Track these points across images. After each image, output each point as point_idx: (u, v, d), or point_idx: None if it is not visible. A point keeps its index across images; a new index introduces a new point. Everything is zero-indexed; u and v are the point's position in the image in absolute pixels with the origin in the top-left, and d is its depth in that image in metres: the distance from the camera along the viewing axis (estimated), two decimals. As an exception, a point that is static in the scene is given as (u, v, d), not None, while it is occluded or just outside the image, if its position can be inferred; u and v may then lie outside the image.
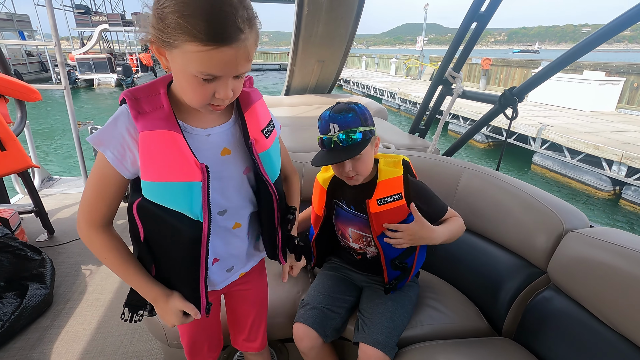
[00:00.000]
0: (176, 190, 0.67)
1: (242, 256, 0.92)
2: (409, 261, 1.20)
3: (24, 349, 1.61)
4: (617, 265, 0.96)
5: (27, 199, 2.97)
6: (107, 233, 0.76)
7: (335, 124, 1.03)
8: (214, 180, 0.73)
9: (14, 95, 2.23)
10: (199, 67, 0.59)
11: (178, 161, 0.67)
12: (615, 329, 0.97)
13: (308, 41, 3.31)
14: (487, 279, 1.38)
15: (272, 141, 0.81)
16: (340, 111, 1.03)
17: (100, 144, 0.67)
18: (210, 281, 0.87)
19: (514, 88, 1.75)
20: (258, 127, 0.77)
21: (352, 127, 1.02)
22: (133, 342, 1.67)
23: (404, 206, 1.10)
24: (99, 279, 2.11)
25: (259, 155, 0.77)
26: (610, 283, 0.97)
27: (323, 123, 1.06)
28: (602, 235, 1.05)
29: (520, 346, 1.18)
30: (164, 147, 0.66)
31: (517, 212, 1.31)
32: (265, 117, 0.81)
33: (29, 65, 21.22)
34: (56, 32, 2.77)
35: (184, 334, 1.03)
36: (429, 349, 1.14)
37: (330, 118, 1.04)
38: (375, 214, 1.11)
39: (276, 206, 0.85)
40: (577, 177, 6.65)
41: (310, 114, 3.60)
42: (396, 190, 1.10)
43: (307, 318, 1.19)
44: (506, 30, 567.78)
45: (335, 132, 1.03)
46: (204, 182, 0.69)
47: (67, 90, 2.88)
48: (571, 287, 1.09)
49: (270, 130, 0.81)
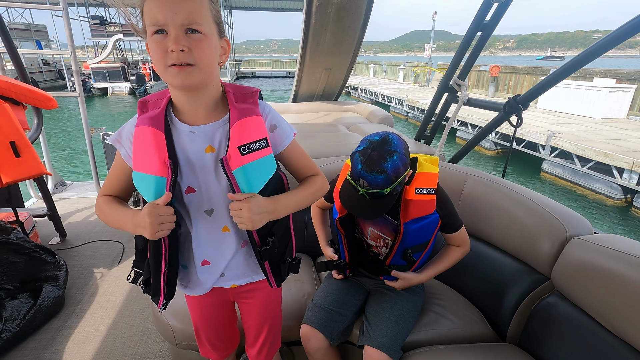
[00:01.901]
0: (146, 181, 0.76)
1: (234, 266, 0.92)
2: (417, 255, 1.24)
3: (36, 349, 1.66)
4: (621, 272, 0.97)
5: (40, 203, 3.05)
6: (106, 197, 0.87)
7: (365, 181, 1.05)
8: (199, 174, 0.80)
9: (32, 102, 2.32)
10: (147, 19, 0.68)
11: (151, 156, 0.75)
12: (619, 336, 0.97)
13: (315, 49, 3.37)
14: (491, 284, 1.38)
15: (253, 159, 0.77)
16: (372, 170, 1.03)
17: (116, 142, 0.82)
18: (197, 280, 0.92)
19: (518, 96, 1.77)
20: (237, 142, 0.75)
21: (381, 189, 1.05)
22: (142, 344, 1.70)
23: (433, 202, 1.17)
24: (109, 281, 2.16)
25: (232, 172, 0.76)
26: (614, 290, 0.97)
27: (354, 171, 1.08)
28: (605, 242, 1.06)
29: (524, 352, 1.18)
30: (144, 142, 0.76)
31: (521, 218, 1.31)
32: (252, 135, 0.77)
33: (45, 73, 21.93)
34: (72, 42, 2.88)
35: (197, 334, 1.08)
36: (433, 353, 1.15)
37: (361, 175, 1.05)
38: (409, 201, 1.15)
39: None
40: (587, 185, 6.56)
41: (317, 121, 3.64)
42: (432, 185, 1.17)
43: (315, 320, 1.21)
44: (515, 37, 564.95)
45: (364, 187, 1.06)
46: (169, 178, 0.75)
47: (81, 97, 2.98)
48: (575, 293, 1.09)
49: (256, 149, 0.77)
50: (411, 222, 1.17)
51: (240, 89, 0.82)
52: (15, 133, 1.89)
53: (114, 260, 2.39)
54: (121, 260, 2.38)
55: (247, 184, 0.78)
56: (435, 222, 1.20)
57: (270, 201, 0.82)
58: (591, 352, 1.01)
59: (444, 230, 1.24)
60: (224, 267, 0.90)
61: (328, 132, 3.13)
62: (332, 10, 2.89)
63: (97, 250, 2.49)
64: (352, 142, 2.69)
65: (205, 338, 1.08)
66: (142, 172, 0.76)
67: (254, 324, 1.08)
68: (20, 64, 2.46)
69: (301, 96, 4.29)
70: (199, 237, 0.85)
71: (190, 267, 0.91)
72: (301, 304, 1.39)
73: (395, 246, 1.20)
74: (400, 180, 1.07)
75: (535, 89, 1.73)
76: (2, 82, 2.01)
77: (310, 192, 0.91)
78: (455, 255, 1.28)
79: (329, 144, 2.63)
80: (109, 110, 16.53)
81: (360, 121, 3.67)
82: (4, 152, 1.85)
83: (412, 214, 1.16)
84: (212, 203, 0.83)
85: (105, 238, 2.64)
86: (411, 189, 1.15)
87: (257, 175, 0.79)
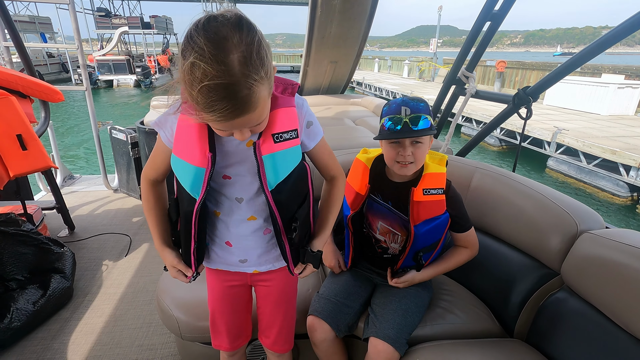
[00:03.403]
0: (186, 169, 0.81)
1: (256, 253, 0.96)
2: (428, 255, 1.25)
3: (45, 338, 1.68)
4: (633, 267, 0.95)
5: (49, 196, 3.07)
6: (152, 188, 0.96)
7: (407, 108, 1.10)
8: (237, 166, 0.84)
9: (38, 96, 2.32)
10: (214, 125, 0.71)
11: (193, 146, 0.79)
12: (630, 332, 0.96)
13: (321, 42, 3.34)
14: (499, 280, 1.37)
15: (283, 148, 0.81)
16: (413, 99, 1.12)
17: (157, 125, 0.86)
18: (217, 258, 0.99)
19: (527, 87, 1.74)
20: (270, 130, 0.79)
21: (423, 113, 1.10)
22: (148, 335, 1.72)
23: (442, 202, 1.17)
24: (116, 273, 2.18)
25: (262, 157, 0.79)
26: (626, 285, 0.96)
27: (393, 107, 1.13)
28: (617, 237, 1.04)
29: (531, 348, 1.18)
30: (187, 130, 0.79)
31: (530, 212, 1.30)
32: (285, 124, 0.81)
33: (50, 66, 21.96)
34: (79, 35, 2.89)
35: (213, 319, 1.10)
36: (439, 348, 1.15)
37: (403, 102, 1.12)
38: (418, 203, 1.15)
39: (276, 212, 0.86)
40: (593, 182, 6.49)
41: (323, 114, 3.62)
42: (440, 185, 1.17)
43: (322, 311, 1.22)
44: (523, 33, 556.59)
45: (407, 115, 1.10)
46: (208, 169, 0.79)
47: (89, 91, 2.98)
48: (585, 288, 1.08)
49: (287, 138, 0.81)
50: (422, 224, 1.17)
51: (282, 80, 0.84)
52: (22, 126, 1.89)
53: (121, 252, 2.40)
54: (128, 253, 2.40)
55: (274, 170, 0.81)
56: (446, 222, 1.20)
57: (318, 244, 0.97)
58: (601, 348, 1.00)
59: (453, 229, 1.25)
60: (244, 252, 0.95)
61: (334, 125, 3.11)
62: (337, 1, 2.86)
63: (105, 243, 2.51)
64: (358, 136, 2.67)
65: (219, 323, 1.09)
66: (182, 159, 0.81)
67: (268, 309, 1.08)
68: (27, 57, 2.46)
69: (307, 90, 4.27)
70: (226, 221, 0.92)
71: (214, 245, 0.97)
72: (305, 297, 1.38)
73: (407, 249, 1.20)
74: (434, 125, 1.14)
75: (545, 80, 1.70)
76: (8, 75, 2.02)
77: (338, 206, 1.01)
78: (462, 257, 1.28)
79: (335, 138, 2.62)
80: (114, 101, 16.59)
81: (366, 115, 3.65)
82: (11, 145, 1.86)
83: (422, 215, 1.16)
84: (244, 192, 0.87)
85: (113, 231, 2.66)
86: (418, 190, 1.15)
87: (284, 163, 0.83)
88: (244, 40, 0.61)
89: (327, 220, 1.00)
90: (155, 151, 0.93)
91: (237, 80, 0.60)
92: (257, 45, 0.62)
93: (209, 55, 0.58)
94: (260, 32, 0.65)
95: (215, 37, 0.59)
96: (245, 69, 0.60)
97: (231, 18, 0.61)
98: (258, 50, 0.62)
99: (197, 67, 0.59)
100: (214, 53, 0.58)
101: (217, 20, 0.61)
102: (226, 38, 0.60)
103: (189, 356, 1.46)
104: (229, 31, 0.60)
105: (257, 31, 0.64)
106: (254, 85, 0.62)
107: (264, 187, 0.82)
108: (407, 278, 1.25)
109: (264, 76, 0.64)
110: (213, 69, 0.59)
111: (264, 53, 0.64)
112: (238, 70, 0.60)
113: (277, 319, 1.09)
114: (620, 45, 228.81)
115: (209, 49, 0.58)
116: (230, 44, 0.60)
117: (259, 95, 0.64)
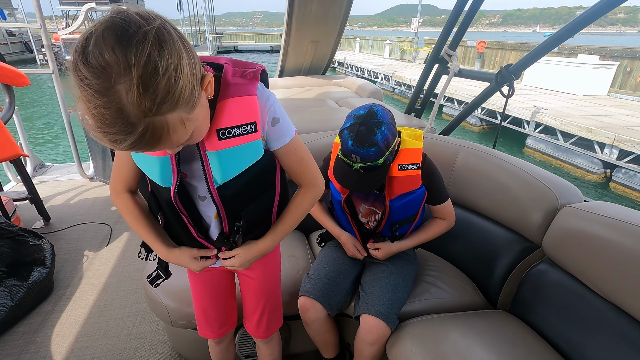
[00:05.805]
0: (150, 162, 0.74)
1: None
2: (406, 228, 1.29)
3: (27, 332, 1.63)
4: (610, 238, 0.99)
5: (20, 187, 2.93)
6: (129, 198, 0.87)
7: (357, 156, 1.07)
8: (191, 163, 0.77)
9: (1, 80, 2.17)
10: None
11: None
12: (608, 299, 1.01)
13: (302, 20, 3.24)
14: (483, 254, 1.41)
15: (232, 145, 0.70)
16: (363, 144, 1.05)
17: None
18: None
19: (510, 65, 1.75)
20: (215, 124, 0.69)
21: (374, 161, 1.07)
22: (136, 324, 1.69)
23: (418, 177, 1.20)
24: (98, 264, 2.12)
25: (207, 152, 0.71)
26: (604, 255, 1.00)
27: (345, 148, 1.09)
28: (596, 209, 1.08)
29: (515, 318, 1.23)
30: None
31: (512, 188, 1.33)
32: (237, 117, 0.69)
33: (11, 45, 20.31)
34: (41, 13, 2.68)
35: (196, 307, 1.07)
36: (428, 322, 1.18)
37: (353, 150, 1.06)
38: (392, 178, 1.18)
39: (222, 209, 0.81)
40: (569, 160, 6.72)
41: (304, 96, 3.57)
42: (415, 160, 1.19)
43: (313, 291, 1.22)
44: (501, 12, 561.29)
45: (357, 162, 1.08)
46: (172, 155, 0.72)
47: (56, 74, 2.81)
48: (565, 260, 1.13)
49: (238, 134, 0.70)
50: (396, 198, 1.20)
51: (241, 63, 0.74)
52: (-15, 112, 1.77)
53: (102, 242, 2.33)
54: (109, 242, 2.33)
55: (221, 170, 0.72)
56: (422, 196, 1.23)
57: (261, 244, 0.88)
58: (580, 315, 1.06)
59: (429, 202, 1.29)
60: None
61: (316, 107, 3.06)
62: (318, -22, 2.78)
63: (84, 233, 2.42)
64: (341, 117, 2.64)
65: (203, 311, 1.07)
66: (143, 153, 0.73)
67: (249, 297, 1.07)
68: (-15, 37, 2.28)
69: (287, 70, 4.18)
70: (200, 216, 0.87)
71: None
72: (295, 280, 1.39)
73: (383, 222, 1.25)
74: (391, 149, 1.11)
75: (526, 58, 1.72)
76: (-34, 57, 1.87)
77: (301, 214, 0.90)
78: (439, 227, 1.32)
79: (317, 119, 2.59)
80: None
81: (349, 95, 3.61)
82: (-25, 133, 1.74)
83: (396, 190, 1.19)
84: (203, 190, 0.81)
85: (91, 220, 2.57)
86: (394, 166, 1.17)
87: (234, 162, 0.73)
88: (136, 61, 0.46)
89: (277, 225, 0.89)
90: (116, 162, 0.85)
91: (131, 116, 0.48)
92: (155, 64, 0.47)
93: (93, 91, 0.47)
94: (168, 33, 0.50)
95: (96, 66, 0.46)
96: (139, 100, 0.47)
97: (117, 29, 0.47)
98: (155, 70, 0.47)
99: (84, 99, 0.48)
100: (97, 89, 0.46)
101: (102, 37, 0.47)
102: (109, 64, 0.46)
103: (180, 343, 1.45)
104: (112, 54, 0.46)
105: (159, 38, 0.48)
106: (156, 119, 0.50)
107: (209, 185, 0.75)
108: (381, 245, 1.28)
109: (173, 99, 0.50)
110: (101, 105, 0.47)
111: (171, 66, 0.49)
112: (129, 104, 0.47)
113: (258, 306, 1.08)
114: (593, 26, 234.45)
115: (92, 81, 0.46)
116: (116, 71, 0.46)
117: (167, 124, 0.52)
